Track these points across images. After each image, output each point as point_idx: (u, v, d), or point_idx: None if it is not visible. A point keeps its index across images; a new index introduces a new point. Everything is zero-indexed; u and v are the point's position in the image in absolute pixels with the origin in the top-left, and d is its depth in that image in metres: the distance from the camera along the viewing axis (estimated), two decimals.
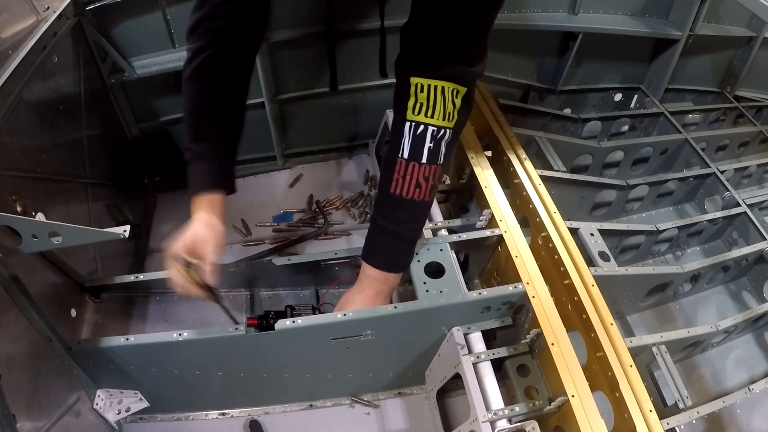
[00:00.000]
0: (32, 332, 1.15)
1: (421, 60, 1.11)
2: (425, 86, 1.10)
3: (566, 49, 2.30)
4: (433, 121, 1.13)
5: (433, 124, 1.13)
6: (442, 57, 1.10)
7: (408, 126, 1.14)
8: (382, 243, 1.28)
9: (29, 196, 1.25)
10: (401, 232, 1.25)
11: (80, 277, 1.42)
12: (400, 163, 1.16)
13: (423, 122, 1.13)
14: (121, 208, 1.76)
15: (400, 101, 1.15)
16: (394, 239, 1.26)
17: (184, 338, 1.23)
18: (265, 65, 1.84)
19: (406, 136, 1.14)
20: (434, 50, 1.10)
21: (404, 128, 1.14)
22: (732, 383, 1.70)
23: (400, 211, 1.23)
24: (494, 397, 1.22)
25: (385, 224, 1.25)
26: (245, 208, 2.02)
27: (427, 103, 1.11)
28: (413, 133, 1.14)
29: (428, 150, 1.14)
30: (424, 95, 1.11)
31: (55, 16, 1.41)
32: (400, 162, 1.16)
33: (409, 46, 1.15)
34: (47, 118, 1.40)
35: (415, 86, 1.11)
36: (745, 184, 2.42)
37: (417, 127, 1.13)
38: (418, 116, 1.12)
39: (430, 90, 1.10)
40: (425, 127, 1.13)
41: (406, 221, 1.25)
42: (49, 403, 1.16)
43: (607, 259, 1.56)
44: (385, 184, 1.22)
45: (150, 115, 1.92)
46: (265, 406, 1.49)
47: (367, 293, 1.31)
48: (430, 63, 1.11)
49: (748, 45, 2.54)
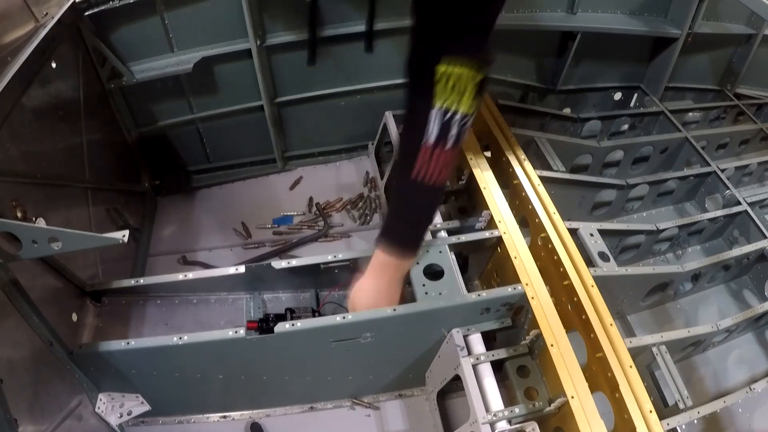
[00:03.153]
0: (33, 336, 1.16)
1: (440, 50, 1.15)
2: (452, 74, 1.14)
3: (565, 48, 2.30)
4: (461, 108, 1.17)
5: (462, 110, 1.17)
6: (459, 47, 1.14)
7: (435, 112, 1.17)
8: (400, 227, 1.31)
9: (29, 201, 1.26)
10: (421, 216, 1.30)
11: (81, 281, 1.42)
12: (426, 149, 1.19)
13: (452, 109, 1.17)
14: (122, 213, 1.77)
15: (420, 91, 1.19)
16: (414, 223, 1.30)
17: (185, 342, 1.23)
18: (264, 68, 1.85)
19: (433, 122, 1.17)
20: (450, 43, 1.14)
21: (430, 115, 1.18)
22: (733, 383, 1.69)
23: (423, 196, 1.26)
24: (494, 399, 1.22)
25: (405, 210, 1.29)
26: (245, 211, 2.03)
27: (455, 90, 1.15)
28: (441, 119, 1.17)
29: (454, 136, 1.18)
30: (452, 83, 1.14)
31: (54, 21, 1.42)
32: (426, 148, 1.19)
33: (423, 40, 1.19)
34: (47, 124, 1.40)
35: (443, 74, 1.15)
36: (745, 182, 2.41)
37: (446, 113, 1.17)
38: (447, 102, 1.16)
39: (458, 78, 1.14)
40: (453, 114, 1.17)
41: (427, 206, 1.29)
42: (50, 406, 1.17)
43: (607, 260, 1.56)
44: (406, 171, 1.24)
45: (149, 119, 1.92)
46: (265, 409, 1.50)
47: (381, 280, 1.32)
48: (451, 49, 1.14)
49: (748, 43, 2.53)
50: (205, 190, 2.13)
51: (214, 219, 2.02)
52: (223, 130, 2.03)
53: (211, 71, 1.84)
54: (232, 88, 1.91)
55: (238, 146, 2.10)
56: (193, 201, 2.09)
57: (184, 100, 1.91)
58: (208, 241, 1.94)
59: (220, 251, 1.91)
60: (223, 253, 1.90)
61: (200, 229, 1.98)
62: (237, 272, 1.44)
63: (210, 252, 1.91)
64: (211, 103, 1.94)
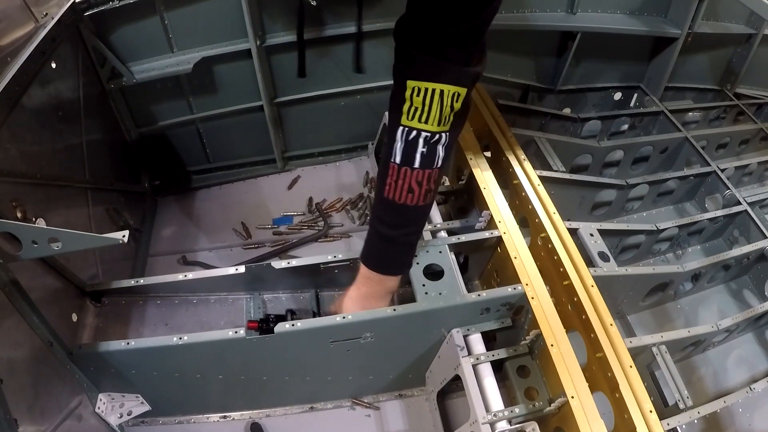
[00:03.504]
0: (33, 337, 1.16)
1: (418, 60, 1.08)
2: (422, 90, 1.08)
3: (565, 48, 2.30)
4: (426, 127, 1.10)
5: (427, 129, 1.11)
6: (439, 55, 1.07)
7: (401, 131, 1.13)
8: (376, 246, 1.28)
9: (29, 201, 1.26)
10: (395, 236, 1.24)
11: (81, 281, 1.42)
12: (393, 168, 1.16)
13: (416, 128, 1.11)
14: (122, 213, 1.77)
15: (395, 105, 1.14)
16: (388, 243, 1.25)
17: (185, 342, 1.23)
18: (263, 68, 1.85)
19: (399, 141, 1.13)
20: (431, 48, 1.06)
21: (397, 133, 1.13)
22: (733, 383, 1.69)
23: (394, 215, 1.22)
24: (494, 399, 1.22)
25: (380, 227, 1.24)
26: (245, 211, 2.03)
27: (422, 108, 1.09)
28: (405, 138, 1.13)
29: (421, 155, 1.12)
30: (420, 99, 1.08)
31: (54, 22, 1.42)
32: (393, 166, 1.16)
33: (404, 43, 1.11)
34: (47, 124, 1.40)
35: (412, 90, 1.08)
36: (745, 182, 2.41)
37: (410, 132, 1.11)
38: (411, 121, 1.11)
39: (427, 93, 1.08)
40: (418, 133, 1.11)
41: (399, 225, 1.23)
42: (50, 407, 1.17)
43: (607, 260, 1.56)
44: (380, 188, 1.21)
45: (149, 120, 1.92)
46: (266, 409, 1.50)
47: (362, 291, 1.31)
48: (428, 62, 1.07)
49: (748, 42, 2.53)
50: (205, 191, 2.13)
51: (214, 219, 2.02)
52: (223, 131, 2.03)
53: (210, 71, 1.84)
54: (232, 88, 1.91)
55: (237, 146, 2.10)
56: (193, 201, 2.09)
57: (183, 101, 1.91)
58: (208, 241, 1.94)
59: (220, 251, 1.91)
60: (223, 254, 1.90)
61: (200, 230, 1.98)
62: (237, 272, 1.44)
63: (210, 252, 1.91)
64: (211, 103, 1.94)
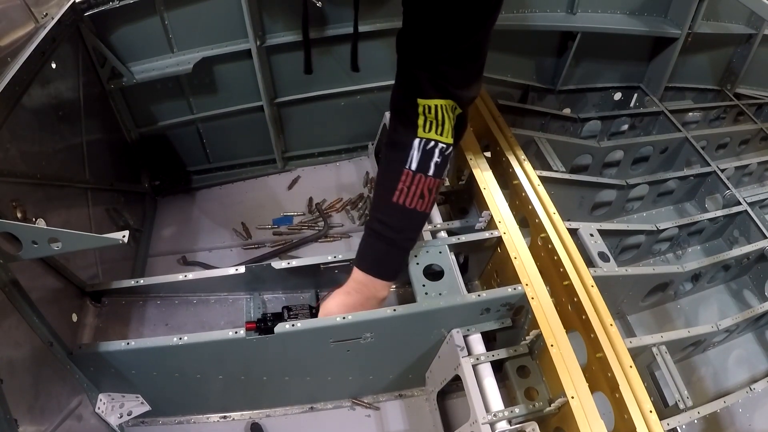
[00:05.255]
0: (33, 337, 1.16)
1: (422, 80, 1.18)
2: (431, 107, 1.19)
3: (565, 48, 2.30)
4: (442, 139, 1.21)
5: (443, 141, 1.22)
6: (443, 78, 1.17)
7: (418, 142, 1.21)
8: (376, 249, 1.29)
9: (29, 201, 1.26)
10: (397, 240, 1.27)
11: (81, 281, 1.42)
12: (407, 174, 1.22)
13: (434, 139, 1.21)
14: (122, 213, 1.77)
15: (407, 117, 1.22)
16: (390, 246, 1.28)
17: (185, 342, 1.23)
18: (264, 69, 1.85)
19: (415, 149, 1.21)
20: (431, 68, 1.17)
21: (413, 143, 1.21)
22: (733, 383, 1.69)
23: (401, 220, 1.26)
24: (494, 399, 1.22)
25: (383, 230, 1.26)
26: (245, 211, 2.03)
27: (436, 122, 1.20)
28: (423, 148, 1.21)
29: (435, 164, 1.22)
30: (432, 115, 1.20)
31: (54, 22, 1.42)
32: (407, 173, 1.22)
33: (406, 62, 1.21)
34: (47, 124, 1.40)
35: (423, 107, 1.19)
36: (745, 182, 2.41)
37: (428, 143, 1.21)
38: (428, 133, 1.21)
39: (438, 110, 1.19)
40: (435, 144, 1.21)
41: (404, 230, 1.28)
42: (50, 407, 1.17)
43: (607, 260, 1.56)
44: (386, 192, 1.24)
45: (149, 120, 1.93)
46: (266, 409, 1.50)
47: (352, 297, 1.31)
48: (432, 82, 1.18)
49: (748, 42, 2.53)
50: (205, 191, 2.13)
51: (214, 219, 2.02)
52: (223, 131, 2.03)
53: (210, 72, 1.84)
54: (232, 88, 1.91)
55: (237, 146, 2.10)
56: (193, 201, 2.09)
57: (183, 101, 1.91)
58: (208, 241, 1.94)
59: (220, 251, 1.91)
60: (223, 254, 1.90)
61: (200, 230, 1.98)
62: (237, 272, 1.44)
63: (210, 252, 1.91)
64: (211, 103, 1.94)
